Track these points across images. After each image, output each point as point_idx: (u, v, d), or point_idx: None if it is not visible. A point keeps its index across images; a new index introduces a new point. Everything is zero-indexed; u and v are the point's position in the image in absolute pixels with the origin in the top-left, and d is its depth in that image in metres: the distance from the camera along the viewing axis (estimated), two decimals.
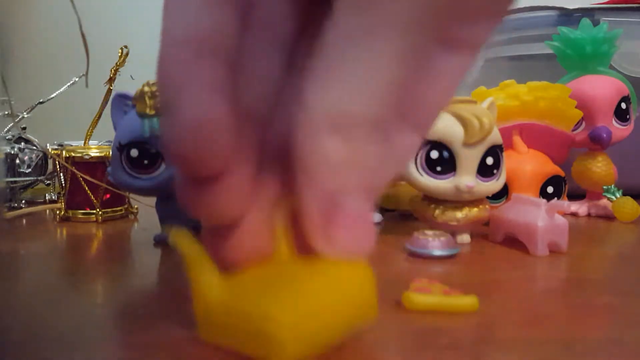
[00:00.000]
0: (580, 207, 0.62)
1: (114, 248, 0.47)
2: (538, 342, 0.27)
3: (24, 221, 0.59)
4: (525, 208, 0.45)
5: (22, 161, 0.66)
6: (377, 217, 0.57)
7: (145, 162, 0.43)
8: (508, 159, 0.49)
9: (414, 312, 0.31)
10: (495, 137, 0.44)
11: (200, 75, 0.20)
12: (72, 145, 0.59)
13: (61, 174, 0.57)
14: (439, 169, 0.44)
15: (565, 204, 0.45)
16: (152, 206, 0.48)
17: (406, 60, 0.19)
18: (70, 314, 0.31)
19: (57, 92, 0.65)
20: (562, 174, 0.52)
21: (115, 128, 0.45)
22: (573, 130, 0.58)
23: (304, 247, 0.24)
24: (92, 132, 0.59)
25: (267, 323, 0.22)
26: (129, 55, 0.56)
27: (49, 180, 0.68)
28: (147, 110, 0.42)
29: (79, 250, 0.47)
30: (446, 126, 0.44)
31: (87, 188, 0.57)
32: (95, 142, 0.61)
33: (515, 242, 0.45)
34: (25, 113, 0.66)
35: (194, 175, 0.22)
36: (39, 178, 0.68)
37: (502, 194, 0.51)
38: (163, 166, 0.43)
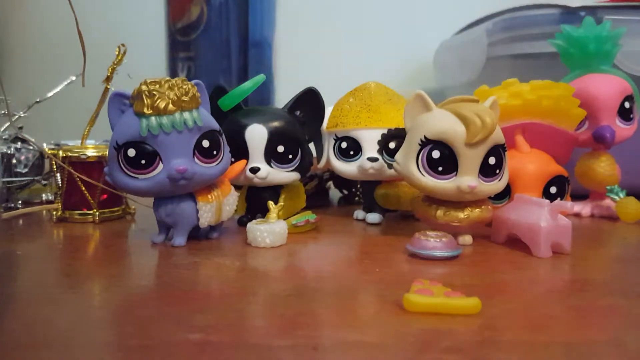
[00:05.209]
0: (583, 208, 0.62)
1: (111, 249, 0.47)
2: (541, 344, 0.27)
3: (21, 222, 0.58)
4: (528, 208, 0.44)
5: (19, 161, 0.66)
6: (378, 217, 0.56)
7: (143, 162, 0.43)
8: (511, 159, 0.48)
9: (414, 314, 0.30)
10: (498, 137, 0.44)
11: None
12: (68, 145, 0.59)
13: (58, 174, 0.57)
14: (440, 169, 0.44)
15: (569, 205, 0.44)
16: (149, 207, 0.47)
17: None
18: (67, 315, 0.31)
19: (54, 91, 0.64)
20: (566, 174, 0.51)
21: (112, 127, 0.44)
22: (576, 129, 0.57)
23: None
24: (89, 131, 0.58)
25: None
26: (126, 54, 0.56)
27: (46, 180, 0.68)
28: (145, 110, 0.42)
29: (75, 251, 0.47)
30: (448, 125, 0.43)
31: (84, 188, 0.56)
32: (92, 141, 0.60)
33: (518, 243, 0.45)
34: (22, 112, 0.66)
35: None
36: (36, 178, 0.67)
37: (505, 194, 0.50)
38: (161, 166, 0.43)
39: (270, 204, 0.49)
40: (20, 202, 0.65)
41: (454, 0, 1.06)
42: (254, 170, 0.51)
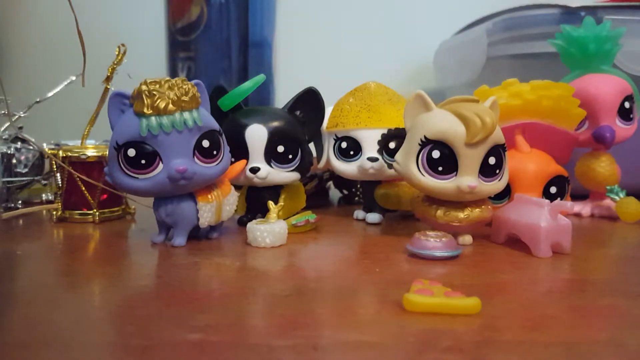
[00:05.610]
0: (583, 208, 0.62)
1: (111, 249, 0.47)
2: (541, 344, 0.27)
3: (21, 222, 0.58)
4: (528, 208, 0.44)
5: (19, 161, 0.66)
6: (378, 217, 0.56)
7: (143, 161, 0.43)
8: (511, 159, 0.48)
9: (414, 314, 0.30)
10: (498, 137, 0.44)
11: None
12: (68, 145, 0.59)
13: (58, 174, 0.57)
14: (440, 169, 0.44)
15: (569, 205, 0.44)
16: (149, 207, 0.47)
17: None
18: (67, 315, 0.31)
19: (54, 91, 0.64)
20: (566, 174, 0.51)
21: (112, 127, 0.44)
22: (576, 129, 0.57)
23: None
24: (89, 131, 0.58)
25: None
26: (126, 54, 0.56)
27: (46, 180, 0.68)
28: (145, 110, 0.42)
29: (75, 251, 0.47)
30: (448, 125, 0.43)
31: (84, 188, 0.56)
32: (92, 141, 0.60)
33: (517, 243, 0.45)
34: (22, 112, 0.66)
35: None
36: (36, 178, 0.67)
37: (505, 194, 0.50)
38: (161, 166, 0.43)
39: (270, 204, 0.49)
40: (20, 202, 0.65)
41: (454, 0, 1.06)
42: (254, 170, 0.51)
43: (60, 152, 0.56)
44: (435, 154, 0.44)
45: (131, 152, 0.42)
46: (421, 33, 1.07)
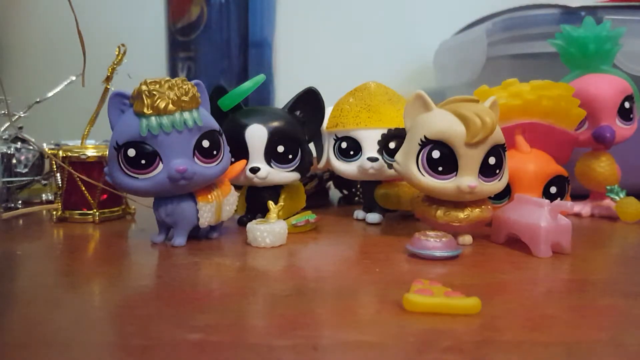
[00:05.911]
0: (583, 208, 0.62)
1: (111, 249, 0.47)
2: (541, 344, 0.27)
3: (21, 222, 0.58)
4: (528, 208, 0.44)
5: (19, 161, 0.66)
6: (378, 217, 0.56)
7: (143, 162, 0.43)
8: (511, 159, 0.48)
9: (414, 314, 0.30)
10: (498, 137, 0.44)
11: None
12: (68, 145, 0.59)
13: (58, 174, 0.57)
14: (440, 169, 0.44)
15: (569, 205, 0.44)
16: (149, 207, 0.47)
17: None
18: (67, 315, 0.31)
19: (54, 91, 0.64)
20: (566, 174, 0.51)
21: (112, 127, 0.44)
22: (576, 129, 0.57)
23: None
24: (89, 131, 0.58)
25: None
26: (126, 54, 0.56)
27: (46, 180, 0.68)
28: (145, 110, 0.42)
29: (75, 251, 0.47)
30: (448, 125, 0.43)
31: (84, 188, 0.56)
32: (92, 141, 0.60)
33: (517, 243, 0.45)
34: (22, 112, 0.66)
35: None
36: (36, 178, 0.67)
37: (505, 194, 0.50)
38: (161, 166, 0.43)
39: (270, 204, 0.49)
40: (20, 202, 0.65)
41: (454, 0, 1.06)
42: (254, 170, 0.51)
43: (60, 152, 0.56)
44: (435, 154, 0.44)
45: (131, 152, 0.42)
46: (421, 33, 1.07)
